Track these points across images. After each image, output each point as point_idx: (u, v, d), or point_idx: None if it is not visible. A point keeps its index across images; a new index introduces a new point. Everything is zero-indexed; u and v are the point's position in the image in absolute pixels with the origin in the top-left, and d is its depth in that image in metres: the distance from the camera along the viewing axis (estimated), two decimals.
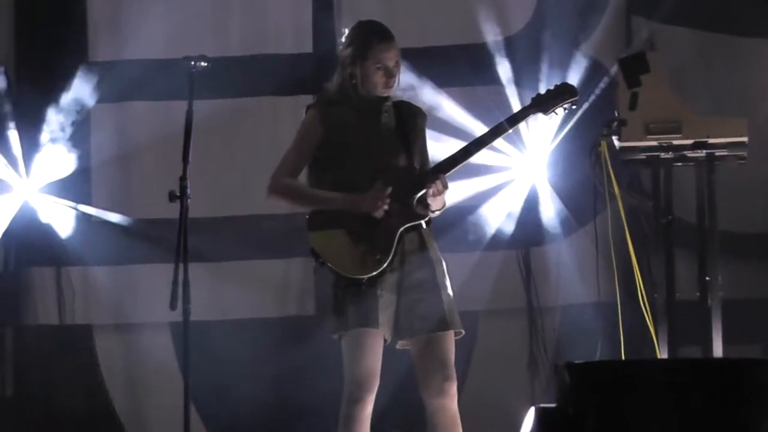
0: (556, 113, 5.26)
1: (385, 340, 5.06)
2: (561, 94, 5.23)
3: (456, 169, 5.13)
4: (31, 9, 7.42)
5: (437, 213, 5.18)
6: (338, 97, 5.18)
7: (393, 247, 5.02)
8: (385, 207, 5.04)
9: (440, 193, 5.08)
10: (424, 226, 5.14)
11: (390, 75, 5.13)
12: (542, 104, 5.22)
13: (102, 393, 7.30)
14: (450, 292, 5.12)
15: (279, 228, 7.24)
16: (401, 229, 5.06)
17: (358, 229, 5.03)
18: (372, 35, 5.17)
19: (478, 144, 5.18)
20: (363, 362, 4.99)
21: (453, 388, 5.06)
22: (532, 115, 5.26)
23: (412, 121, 5.23)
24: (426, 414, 5.09)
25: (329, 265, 5.03)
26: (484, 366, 7.22)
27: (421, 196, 5.08)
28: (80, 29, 7.40)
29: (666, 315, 6.25)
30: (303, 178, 5.24)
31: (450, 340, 5.08)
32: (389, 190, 5.03)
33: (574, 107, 5.32)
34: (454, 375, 5.07)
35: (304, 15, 7.32)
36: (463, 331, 5.13)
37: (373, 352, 5.00)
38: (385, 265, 5.01)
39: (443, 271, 5.13)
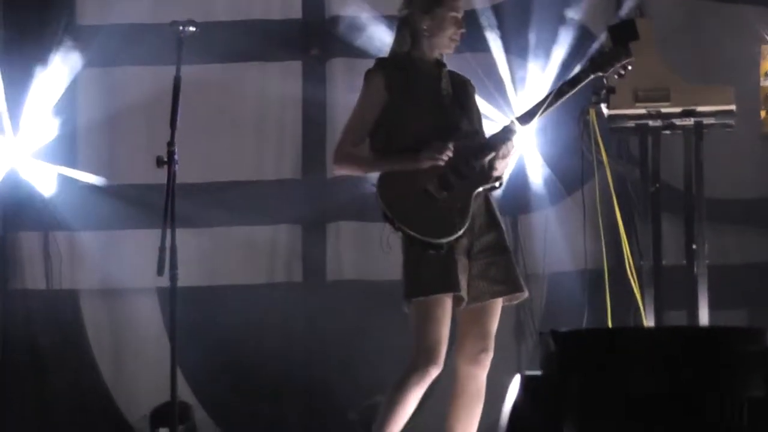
0: (618, 74, 5.20)
1: (460, 304, 4.97)
2: (618, 56, 5.18)
3: (522, 127, 5.06)
4: None
5: (504, 174, 5.13)
6: (397, 61, 5.12)
7: (470, 211, 4.95)
8: (448, 153, 4.95)
9: (508, 154, 5.05)
10: (494, 190, 5.09)
11: (460, 26, 5.11)
12: (601, 66, 5.16)
13: (88, 358, 7.31)
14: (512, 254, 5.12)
15: (267, 194, 7.24)
16: (476, 191, 4.99)
17: (432, 191, 4.95)
18: None
19: (539, 105, 5.11)
20: (437, 330, 4.89)
21: (488, 360, 5.05)
22: (592, 76, 5.18)
23: (464, 89, 5.21)
24: (455, 376, 5.06)
25: (405, 228, 4.92)
26: None
27: (491, 158, 5.03)
28: None
29: (653, 281, 6.27)
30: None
31: (498, 309, 5.06)
32: (450, 144, 4.95)
33: (630, 68, 5.24)
34: (492, 346, 5.06)
35: None
36: (528, 294, 5.13)
37: (447, 319, 4.93)
38: (462, 230, 4.93)
39: (505, 233, 5.13)
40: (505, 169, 5.10)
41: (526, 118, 5.08)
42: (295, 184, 7.28)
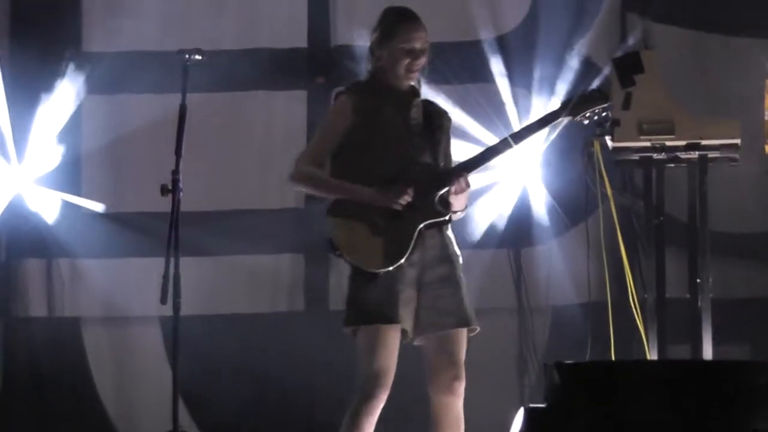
0: (587, 119, 5.24)
1: (406, 337, 5.04)
2: (594, 99, 5.22)
3: (479, 168, 5.14)
4: None
5: (460, 214, 5.16)
6: (369, 86, 5.18)
7: (411, 243, 5.00)
8: (407, 199, 5.00)
9: (462, 191, 5.07)
10: (446, 224, 5.12)
11: (415, 57, 5.13)
12: (573, 109, 5.20)
13: (90, 386, 7.28)
14: (466, 288, 5.12)
15: (270, 222, 7.24)
16: (421, 225, 5.03)
17: (379, 223, 5.01)
18: (399, 16, 5.20)
19: (504, 144, 5.18)
20: (380, 358, 4.96)
21: (461, 388, 5.08)
22: (562, 119, 5.22)
23: (438, 120, 5.24)
24: (431, 408, 5.08)
25: (346, 257, 5.01)
26: (473, 365, 7.19)
27: (443, 193, 5.07)
28: (74, 19, 7.38)
29: (656, 315, 6.26)
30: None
31: (464, 338, 5.09)
32: (411, 190, 5.01)
33: (604, 114, 5.27)
34: (464, 374, 5.09)
35: (299, 9, 7.31)
36: (478, 328, 5.13)
37: (391, 348, 4.99)
38: (402, 260, 4.98)
39: (461, 267, 5.13)
40: (460, 204, 5.13)
41: (470, 163, 5.13)
42: (298, 213, 7.27)
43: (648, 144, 6.25)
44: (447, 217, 5.10)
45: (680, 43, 7.07)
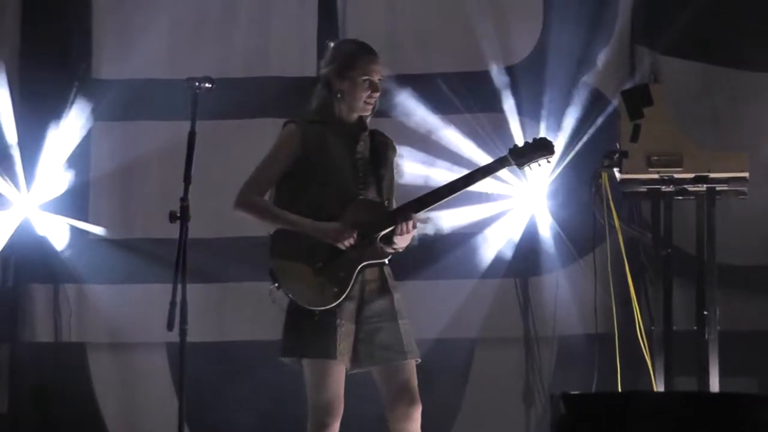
0: (531, 168, 5.27)
1: (345, 369, 5.09)
2: (538, 149, 5.23)
3: (425, 210, 5.16)
4: (36, 26, 7.43)
5: (401, 250, 5.18)
6: (318, 117, 5.18)
7: (351, 282, 5.04)
8: (351, 242, 5.05)
9: (408, 232, 5.09)
10: (386, 263, 5.16)
11: (375, 89, 5.15)
12: (519, 157, 5.21)
13: (95, 411, 7.28)
14: (407, 320, 5.14)
15: None
16: (361, 265, 5.07)
17: (319, 259, 5.04)
18: (358, 49, 5.22)
19: (450, 189, 5.19)
20: (327, 390, 5.03)
21: (417, 412, 5.10)
22: (507, 167, 5.26)
23: (384, 152, 5.26)
24: None
25: (286, 291, 5.04)
26: (479, 394, 7.21)
27: (387, 233, 5.09)
28: (84, 46, 7.41)
29: (663, 346, 6.25)
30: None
31: (411, 367, 5.12)
32: (356, 232, 5.04)
33: (548, 162, 5.31)
34: (418, 399, 5.11)
35: (308, 38, 7.34)
36: (420, 360, 5.15)
37: (336, 378, 5.05)
38: (341, 299, 5.03)
39: (400, 299, 5.15)
40: (403, 244, 5.14)
41: (416, 205, 5.15)
42: None
43: (656, 176, 6.26)
44: (387, 260, 5.14)
45: (689, 75, 7.07)
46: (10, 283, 7.38)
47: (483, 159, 7.12)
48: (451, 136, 7.15)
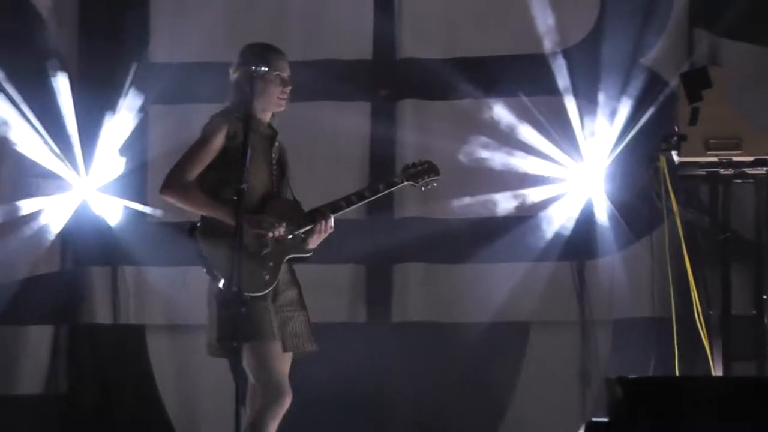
0: (424, 186, 5.69)
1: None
2: (428, 171, 5.69)
3: (338, 214, 5.51)
4: (95, 12, 7.48)
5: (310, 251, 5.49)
6: (241, 116, 5.36)
7: (279, 271, 5.33)
8: (279, 232, 5.31)
9: (324, 232, 5.45)
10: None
11: (286, 85, 5.42)
12: (412, 176, 5.67)
13: (153, 393, 7.35)
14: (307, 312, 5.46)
15: (338, 234, 7.25)
16: (288, 257, 5.38)
17: (249, 248, 5.24)
18: (266, 49, 5.50)
19: (359, 197, 5.58)
20: (276, 369, 5.34)
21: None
22: (404, 183, 5.67)
23: (285, 157, 5.57)
24: None
25: (217, 274, 5.25)
26: (534, 377, 7.20)
27: (307, 230, 5.40)
28: (141, 31, 7.45)
29: (721, 331, 6.21)
30: None
31: (289, 356, 5.43)
32: (283, 225, 5.33)
33: (435, 185, 5.71)
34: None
35: (365, 22, 7.34)
36: (316, 348, 5.48)
37: (281, 357, 5.36)
38: (271, 287, 5.30)
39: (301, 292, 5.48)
40: (315, 243, 5.47)
41: (331, 208, 5.51)
42: (360, 223, 7.28)
43: (715, 159, 6.21)
44: (308, 255, 5.45)
45: (748, 58, 7.01)
46: (70, 264, 7.45)
47: (539, 142, 7.11)
48: (506, 119, 7.13)
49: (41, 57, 7.33)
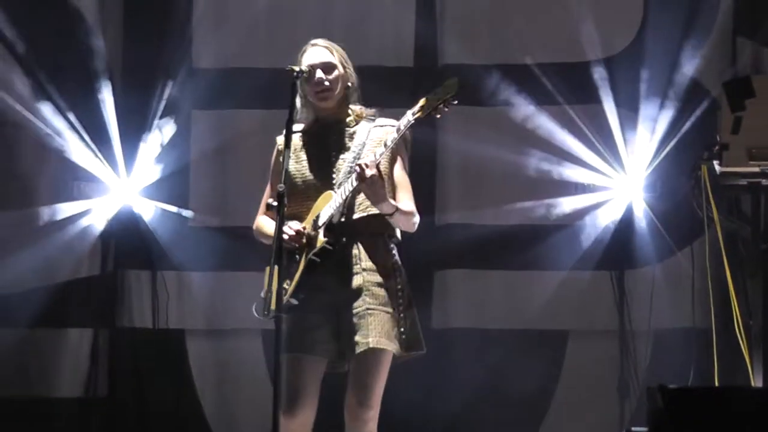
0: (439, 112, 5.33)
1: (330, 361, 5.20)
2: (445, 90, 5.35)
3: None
4: (138, 17, 7.52)
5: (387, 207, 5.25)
6: (300, 118, 5.32)
7: (298, 276, 5.14)
8: (294, 244, 5.11)
9: (372, 183, 5.07)
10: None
11: (314, 78, 5.28)
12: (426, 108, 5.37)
13: (193, 398, 7.38)
14: (388, 309, 5.23)
15: None
16: (306, 258, 5.15)
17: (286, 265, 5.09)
18: (306, 45, 5.42)
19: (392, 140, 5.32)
20: (290, 382, 5.15)
21: (365, 414, 5.19)
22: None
23: (371, 147, 5.32)
24: None
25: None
26: (573, 385, 7.19)
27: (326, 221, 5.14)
28: (184, 37, 7.49)
29: (761, 342, 6.17)
30: None
31: (376, 362, 5.16)
32: (296, 228, 5.11)
33: (455, 102, 5.31)
34: (371, 400, 5.18)
35: (406, 28, 7.34)
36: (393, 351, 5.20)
37: (301, 373, 5.16)
38: (290, 294, 5.13)
39: (374, 293, 5.24)
40: (370, 197, 5.18)
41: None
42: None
43: (757, 169, 6.17)
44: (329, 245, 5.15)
45: None
46: (110, 268, 7.49)
47: (579, 150, 7.09)
48: (547, 126, 7.12)
49: (86, 62, 7.38)
